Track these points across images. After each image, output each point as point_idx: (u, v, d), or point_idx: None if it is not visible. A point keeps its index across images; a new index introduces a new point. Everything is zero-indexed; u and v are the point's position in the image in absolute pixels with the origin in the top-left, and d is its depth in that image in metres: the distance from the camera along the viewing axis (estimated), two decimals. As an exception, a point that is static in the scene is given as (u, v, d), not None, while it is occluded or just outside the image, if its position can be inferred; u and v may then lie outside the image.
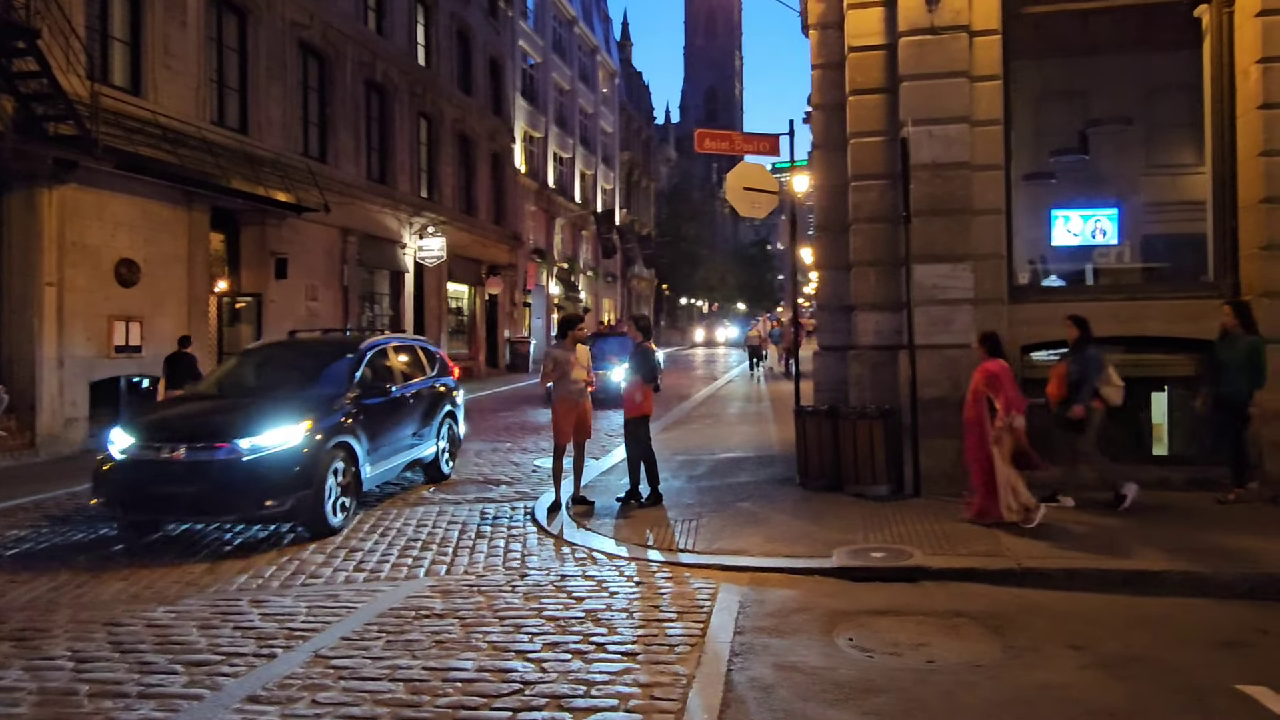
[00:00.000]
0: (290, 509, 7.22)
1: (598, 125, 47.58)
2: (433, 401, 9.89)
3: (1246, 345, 7.38)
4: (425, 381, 9.93)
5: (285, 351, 9.83)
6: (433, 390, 10.01)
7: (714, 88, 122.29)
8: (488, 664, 4.63)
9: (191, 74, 15.34)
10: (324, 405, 7.88)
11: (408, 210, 23.35)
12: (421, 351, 10.42)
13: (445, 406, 10.19)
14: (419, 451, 9.52)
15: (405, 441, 9.15)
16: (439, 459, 9.96)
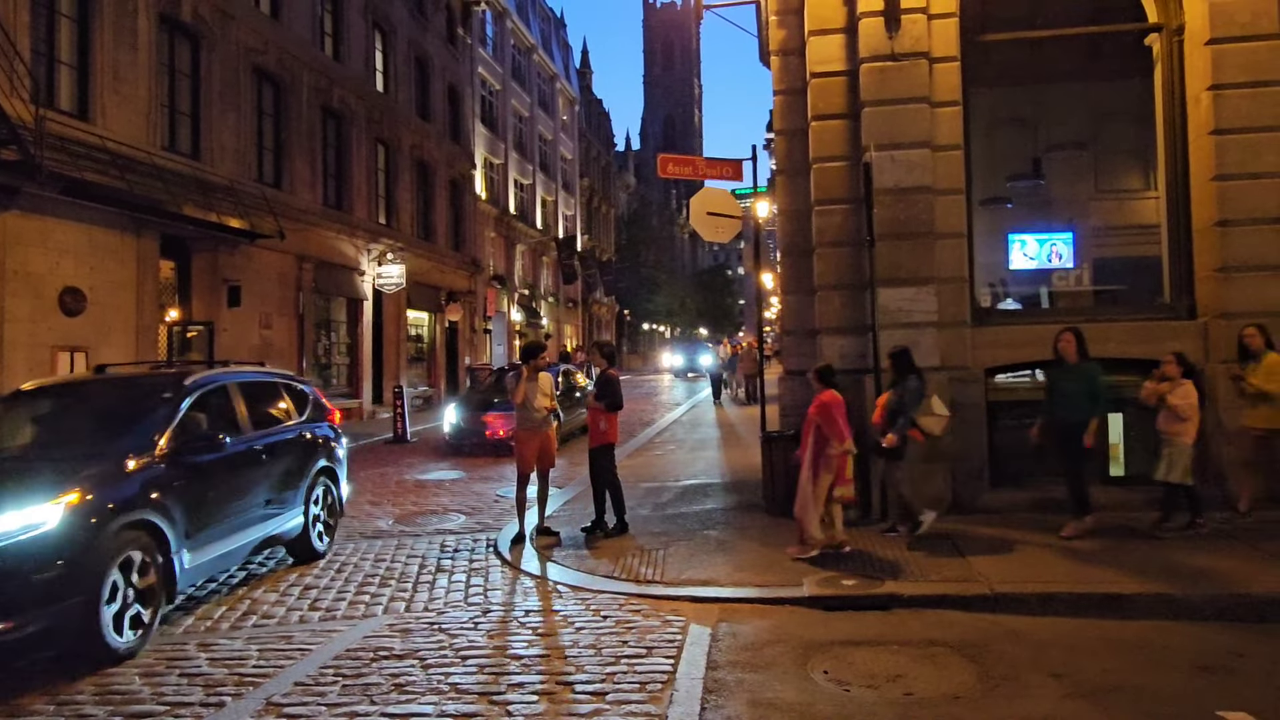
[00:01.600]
0: (38, 632, 4.77)
1: (558, 152, 47.65)
2: (300, 456, 7.64)
3: (1085, 371, 7.24)
4: (289, 430, 7.65)
5: (76, 393, 7.14)
6: (300, 441, 7.73)
7: (673, 115, 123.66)
8: (450, 708, 4.41)
9: (142, 99, 14.97)
10: (111, 468, 5.57)
11: (365, 237, 23.02)
12: (285, 390, 8.05)
13: (318, 461, 7.87)
14: (277, 525, 7.17)
15: (254, 513, 6.83)
16: (308, 532, 7.60)
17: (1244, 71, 8.10)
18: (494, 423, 14.68)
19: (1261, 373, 7.27)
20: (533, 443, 8.13)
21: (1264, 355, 7.30)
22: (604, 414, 8.16)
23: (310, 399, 8.33)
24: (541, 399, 8.16)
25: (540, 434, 8.17)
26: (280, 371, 9.07)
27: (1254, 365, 7.34)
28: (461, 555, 7.83)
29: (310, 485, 7.70)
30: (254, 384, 7.64)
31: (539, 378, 8.26)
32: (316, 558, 7.75)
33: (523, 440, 8.18)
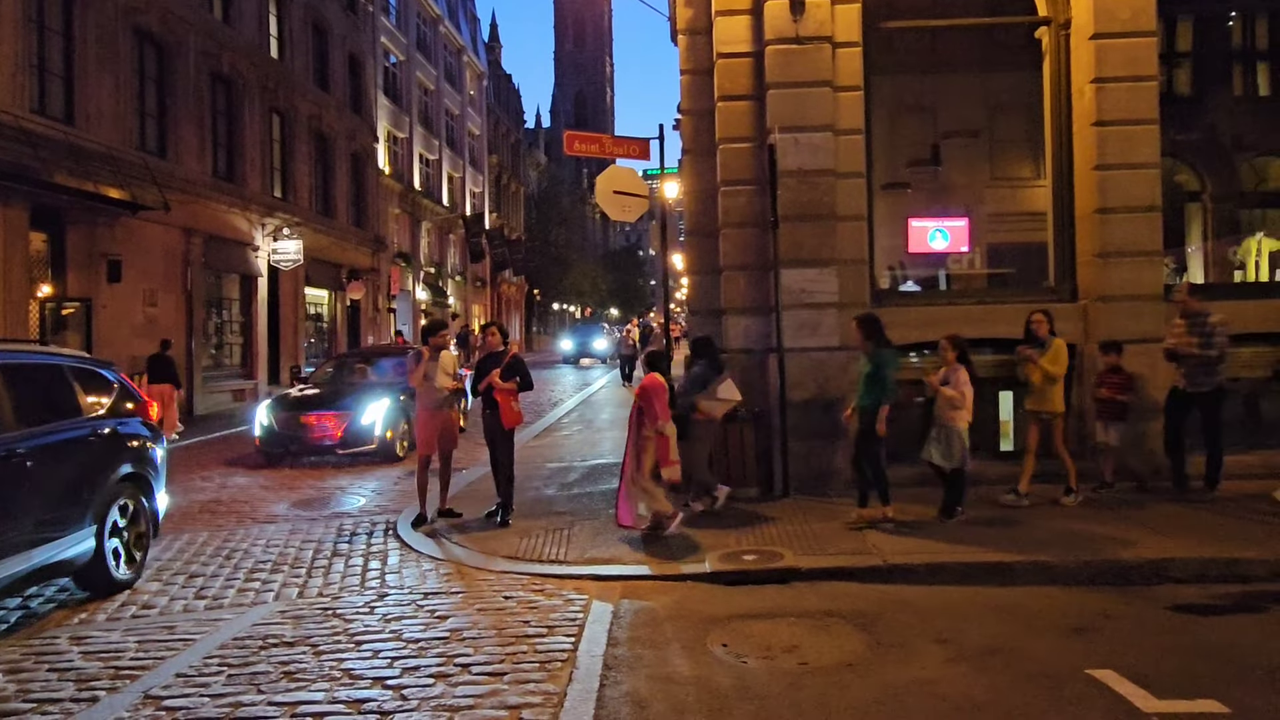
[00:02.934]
0: None
1: (465, 127, 46.62)
2: (91, 461, 6.07)
3: (875, 359, 7.20)
4: (74, 427, 6.05)
5: None
6: (92, 442, 6.18)
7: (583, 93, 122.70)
8: (342, 694, 4.28)
9: (6, 56, 13.87)
10: None
11: (259, 211, 22.03)
12: (74, 376, 6.37)
13: (120, 467, 6.30)
14: (54, 551, 5.53)
15: (10, 537, 5.22)
16: (103, 559, 5.99)
17: (1124, 66, 8.50)
18: (319, 424, 11.68)
19: (1048, 357, 7.49)
20: (433, 424, 7.98)
21: (1050, 341, 7.57)
22: (515, 395, 7.95)
23: (115, 388, 6.83)
24: (444, 378, 8.00)
25: (441, 414, 8.02)
26: (66, 351, 7.40)
27: (1040, 350, 7.55)
28: (359, 539, 7.61)
29: (107, 499, 6.13)
30: (14, 367, 5.83)
31: (440, 356, 8.11)
32: (117, 589, 6.15)
33: (424, 421, 8.04)
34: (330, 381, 13.43)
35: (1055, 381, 7.52)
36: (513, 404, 7.92)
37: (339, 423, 11.56)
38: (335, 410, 11.71)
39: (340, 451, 11.51)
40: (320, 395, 12.41)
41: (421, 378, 7.98)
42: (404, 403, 11.77)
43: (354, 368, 14.10)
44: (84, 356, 7.22)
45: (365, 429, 11.52)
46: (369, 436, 11.51)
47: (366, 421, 11.56)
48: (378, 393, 12.00)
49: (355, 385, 12.82)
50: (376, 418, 11.61)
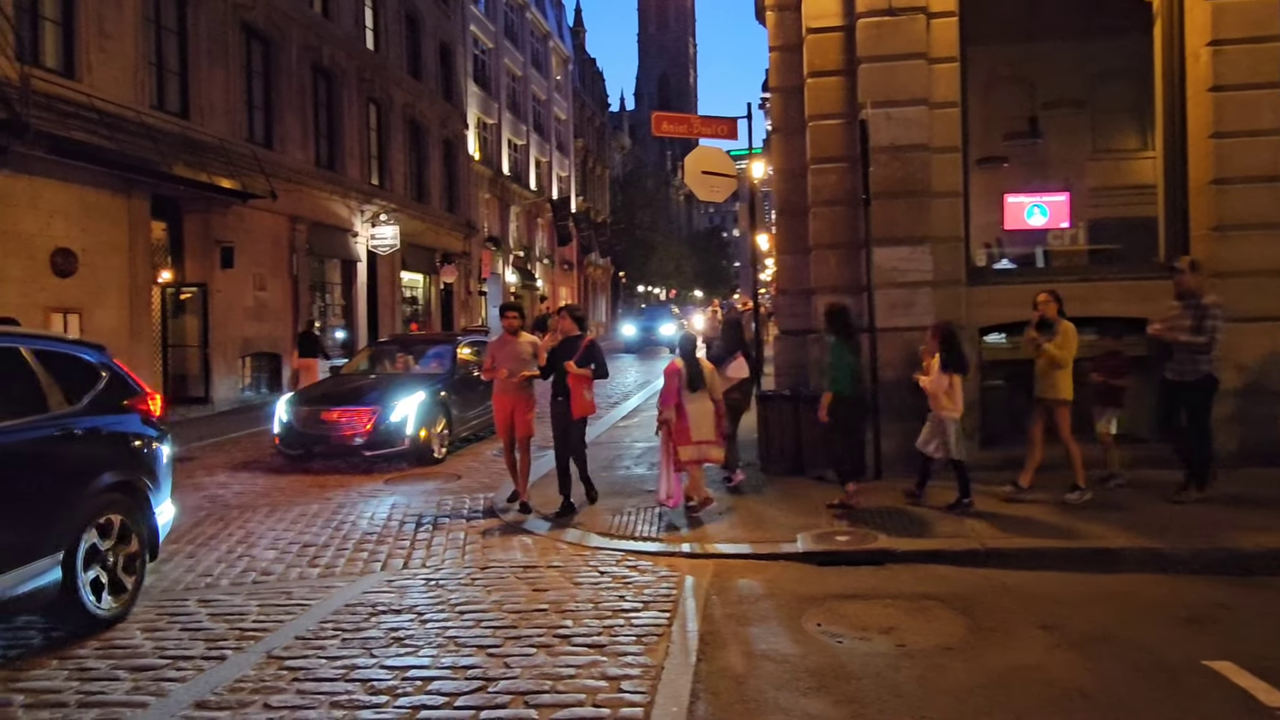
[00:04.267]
0: None
1: (551, 112, 47.11)
2: (56, 470, 4.91)
3: (830, 346, 7.37)
4: (28, 429, 4.84)
5: None
6: (61, 444, 5.02)
7: (667, 75, 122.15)
8: (449, 661, 4.48)
9: (129, 56, 14.74)
10: None
11: (358, 198, 22.84)
12: (37, 362, 5.11)
13: (101, 475, 5.17)
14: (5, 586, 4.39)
15: None
16: (76, 589, 4.85)
17: (1243, 26, 8.03)
18: (343, 421, 10.22)
19: (1056, 341, 7.08)
20: (504, 410, 7.84)
21: (1059, 324, 7.15)
22: (589, 383, 7.61)
23: (103, 376, 5.64)
24: (519, 364, 7.71)
25: (516, 400, 7.76)
26: (32, 331, 5.92)
27: (1048, 334, 7.15)
28: (459, 514, 7.88)
29: (81, 517, 4.98)
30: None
31: (517, 339, 7.87)
32: (94, 625, 5.02)
33: (496, 407, 8.01)
34: (363, 373, 12.13)
35: (1063, 367, 7.06)
36: (585, 392, 7.54)
37: (366, 420, 10.07)
38: (362, 406, 10.23)
39: (367, 453, 10.05)
40: (347, 389, 11.02)
41: (491, 361, 7.84)
42: (445, 398, 10.79)
43: (392, 357, 12.52)
44: (58, 337, 6.03)
45: (395, 427, 10.02)
46: (399, 436, 10.01)
47: (397, 419, 10.04)
48: (412, 386, 10.56)
49: (388, 378, 11.49)
50: (409, 415, 10.10)
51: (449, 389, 10.98)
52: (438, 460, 10.39)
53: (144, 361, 14.78)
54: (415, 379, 11.06)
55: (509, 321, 7.94)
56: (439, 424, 10.58)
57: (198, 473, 10.15)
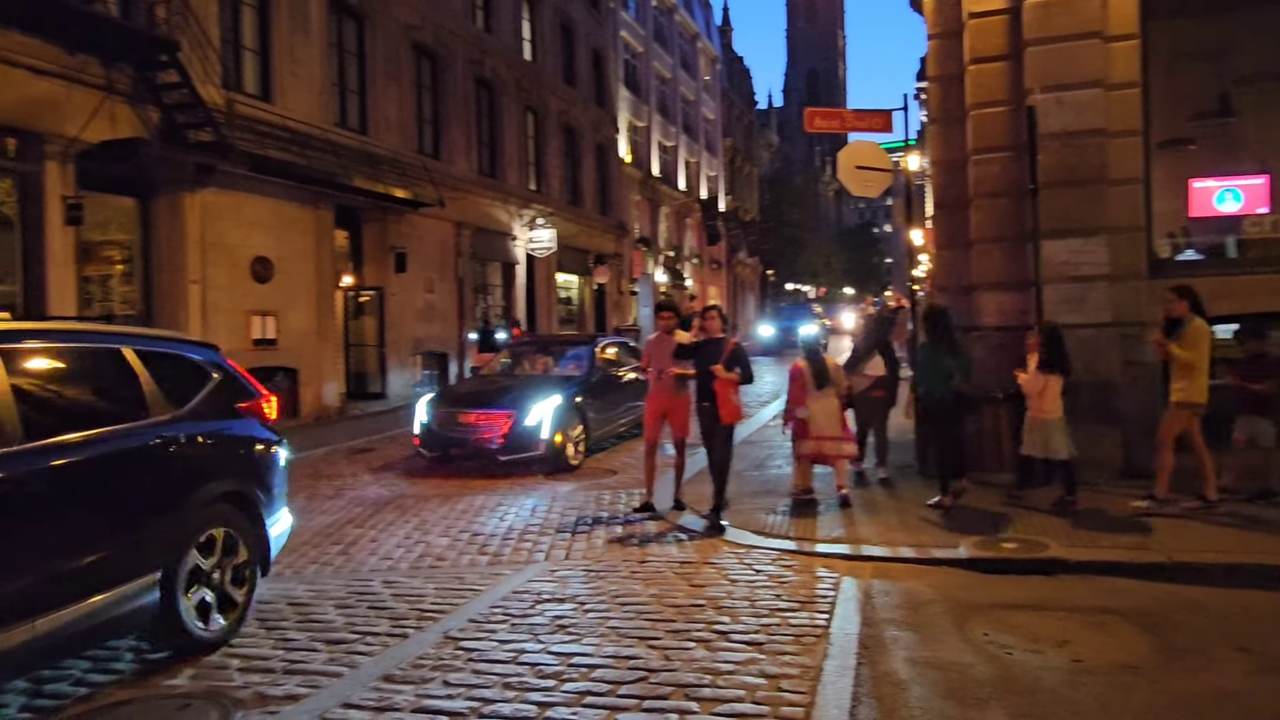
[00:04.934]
0: None
1: (700, 112, 47.28)
2: (157, 481, 4.55)
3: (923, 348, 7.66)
4: (127, 437, 4.45)
5: None
6: (162, 453, 4.60)
7: (816, 70, 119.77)
8: (611, 650, 4.63)
9: (315, 79, 16.05)
10: None
11: (517, 202, 23.83)
12: (141, 363, 4.73)
13: (210, 485, 4.85)
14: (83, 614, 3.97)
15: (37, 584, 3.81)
16: (178, 612, 4.50)
17: None
18: (479, 424, 10.13)
19: (1185, 340, 6.50)
20: (657, 409, 7.76)
21: (1189, 322, 6.54)
22: (735, 386, 7.32)
23: (214, 378, 5.26)
24: (668, 362, 7.58)
25: (669, 400, 7.66)
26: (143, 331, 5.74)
27: (1177, 334, 6.56)
28: (618, 509, 8.11)
29: (185, 531, 4.63)
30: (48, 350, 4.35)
31: (672, 339, 7.78)
32: (199, 648, 4.68)
33: (648, 406, 7.93)
34: (501, 374, 12.06)
35: (1196, 368, 6.49)
36: (733, 397, 7.24)
37: (502, 424, 9.94)
38: (498, 410, 10.08)
39: (503, 458, 9.91)
40: (484, 391, 10.98)
41: (647, 360, 7.85)
42: (582, 401, 10.53)
43: (530, 358, 12.42)
44: (167, 336, 5.63)
45: (530, 431, 9.81)
46: (534, 440, 9.80)
47: (532, 422, 9.84)
48: (548, 389, 10.38)
49: (525, 380, 11.24)
50: (544, 418, 9.86)
51: (586, 392, 10.79)
52: (573, 466, 10.09)
53: (329, 359, 16.06)
54: (552, 381, 10.90)
55: (664, 320, 7.90)
56: (575, 428, 10.30)
57: (376, 463, 10.92)
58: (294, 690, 4.28)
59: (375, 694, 4.18)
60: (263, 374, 14.56)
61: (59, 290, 11.19)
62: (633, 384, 11.69)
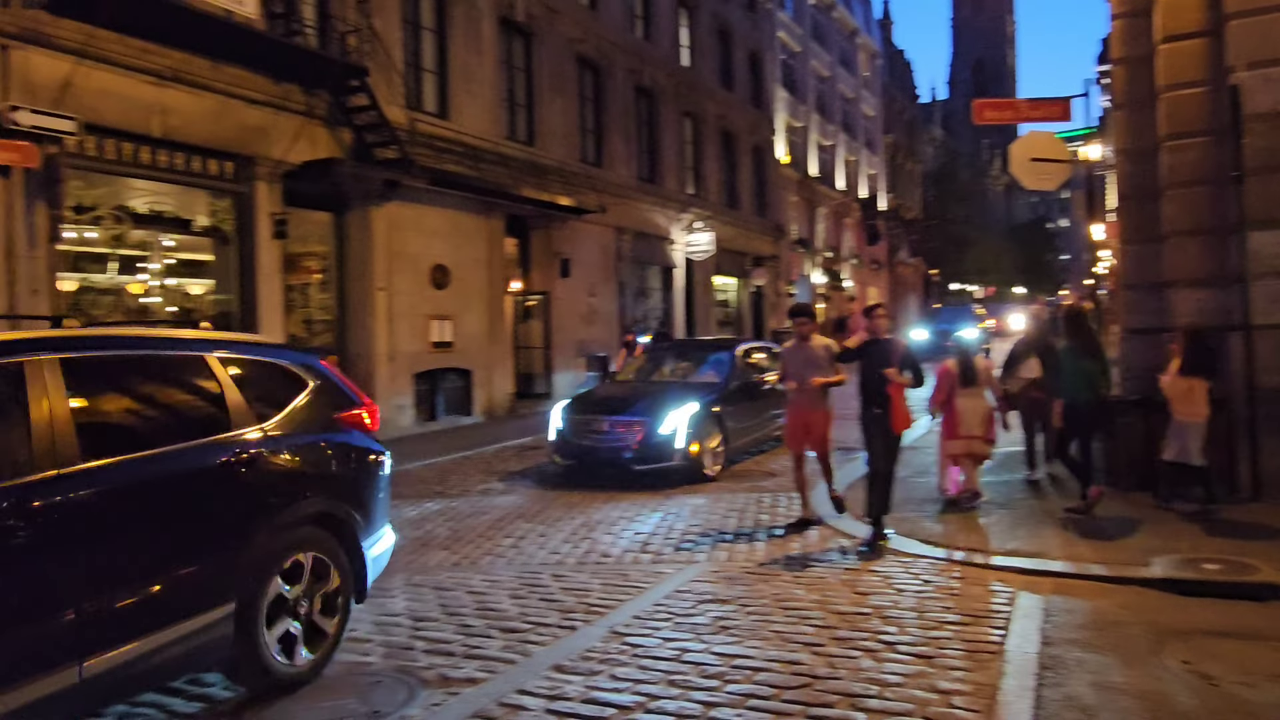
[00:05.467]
0: None
1: (859, 109, 46.08)
2: (233, 501, 4.10)
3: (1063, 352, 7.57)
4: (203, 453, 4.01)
5: None
6: (243, 469, 4.12)
7: (983, 59, 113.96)
8: (774, 654, 4.63)
9: (487, 96, 16.93)
10: None
11: (675, 207, 24.13)
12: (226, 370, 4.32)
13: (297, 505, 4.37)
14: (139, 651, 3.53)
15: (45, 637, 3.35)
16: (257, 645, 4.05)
17: None
18: (612, 432, 9.75)
19: None
20: (797, 420, 7.44)
21: None
22: (903, 392, 6.86)
23: (308, 386, 4.76)
24: (813, 371, 7.20)
25: (807, 411, 7.32)
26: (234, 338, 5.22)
27: None
28: (779, 512, 8.07)
29: (266, 557, 4.16)
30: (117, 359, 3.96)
31: (810, 344, 7.37)
32: (280, 686, 4.23)
33: (788, 416, 7.70)
34: (637, 380, 11.57)
35: None
36: (903, 403, 6.81)
37: (635, 433, 9.52)
38: (630, 417, 9.68)
39: (636, 468, 9.43)
40: (617, 398, 10.51)
41: (784, 370, 7.52)
42: (720, 409, 10.05)
43: (667, 363, 11.90)
44: (257, 342, 5.21)
45: (664, 441, 9.38)
46: (668, 450, 9.35)
47: (666, 431, 9.40)
48: (684, 396, 9.90)
49: (660, 386, 10.75)
50: (679, 427, 9.40)
51: (725, 399, 10.29)
52: (709, 478, 9.60)
53: (500, 360, 16.90)
54: (689, 388, 10.39)
55: (800, 326, 7.47)
56: (713, 438, 9.79)
57: (543, 459, 11.38)
58: (473, 674, 4.53)
59: (547, 682, 4.36)
60: (440, 374, 15.55)
61: (267, 299, 12.41)
62: (776, 391, 10.82)
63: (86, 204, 10.62)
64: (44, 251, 9.80)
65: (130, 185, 11.22)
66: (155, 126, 10.95)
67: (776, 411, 10.94)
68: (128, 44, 10.44)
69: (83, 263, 10.78)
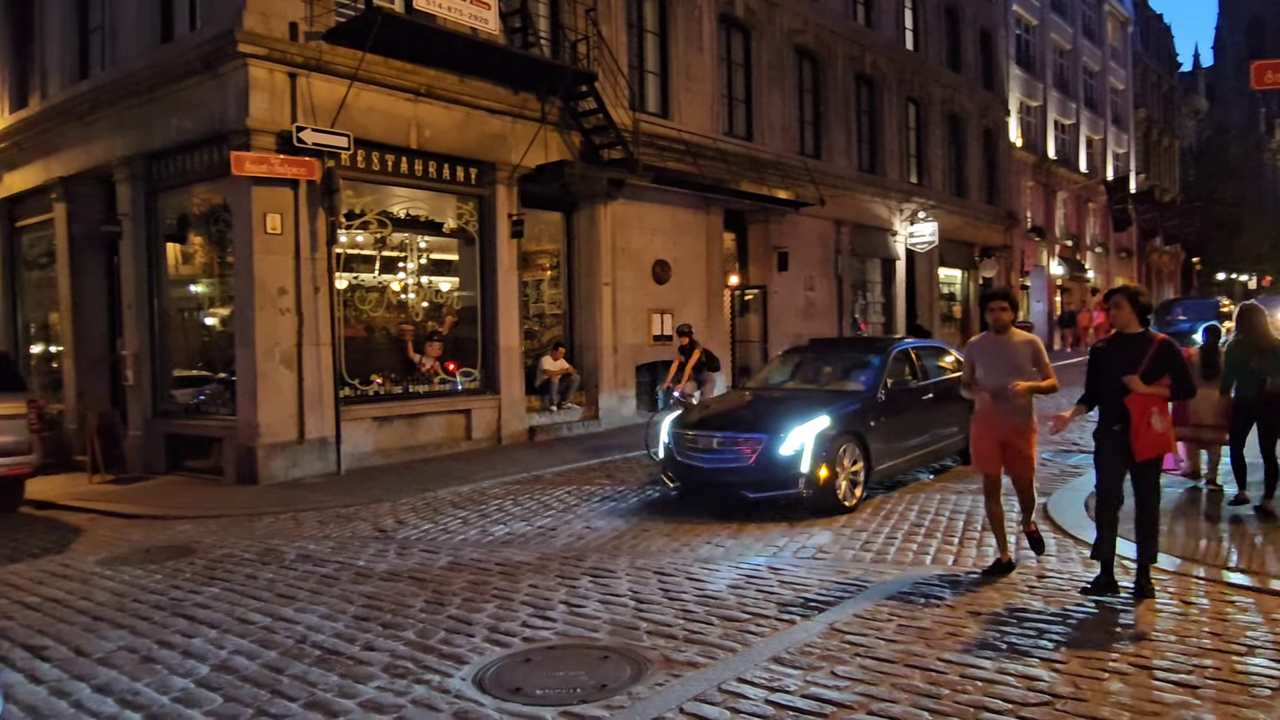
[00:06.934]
0: None
1: (1105, 83, 41.97)
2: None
3: None
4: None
5: None
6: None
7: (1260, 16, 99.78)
8: (1009, 667, 4.41)
9: (707, 93, 17.19)
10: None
11: (897, 197, 23.28)
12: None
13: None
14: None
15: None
16: None
17: None
18: (723, 450, 8.26)
19: None
20: (990, 435, 5.99)
21: None
22: (1161, 405, 5.26)
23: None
24: (1010, 374, 5.80)
25: (1005, 424, 5.89)
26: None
27: None
28: (1012, 515, 7.60)
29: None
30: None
31: (1007, 339, 5.98)
32: None
33: (976, 431, 6.13)
34: (768, 386, 9.91)
35: None
36: (1155, 419, 5.20)
37: (749, 452, 8.04)
38: (745, 433, 8.21)
39: (750, 495, 8.02)
40: (735, 409, 9.13)
41: (970, 375, 6.14)
42: (862, 423, 8.43)
43: (806, 367, 10.03)
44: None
45: (784, 463, 7.86)
46: (791, 473, 7.84)
47: (788, 451, 7.85)
48: (815, 407, 8.27)
49: (790, 395, 9.20)
50: (804, 445, 7.83)
51: (870, 411, 8.59)
52: (847, 509, 8.01)
53: (718, 354, 17.07)
54: (825, 397, 8.74)
55: (996, 315, 6.01)
56: (851, 460, 8.16)
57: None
58: (694, 658, 4.68)
59: (766, 674, 4.43)
60: (661, 367, 16.03)
61: (505, 294, 13.38)
62: (941, 402, 9.43)
63: (356, 211, 11.96)
64: (323, 254, 11.18)
65: (391, 193, 12.49)
66: (412, 139, 12.12)
67: (943, 429, 9.52)
68: (390, 65, 11.62)
69: (353, 263, 12.15)
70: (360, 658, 4.93)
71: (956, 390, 7.64)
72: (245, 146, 10.44)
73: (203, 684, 4.66)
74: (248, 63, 10.38)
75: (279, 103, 10.68)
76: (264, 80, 10.55)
